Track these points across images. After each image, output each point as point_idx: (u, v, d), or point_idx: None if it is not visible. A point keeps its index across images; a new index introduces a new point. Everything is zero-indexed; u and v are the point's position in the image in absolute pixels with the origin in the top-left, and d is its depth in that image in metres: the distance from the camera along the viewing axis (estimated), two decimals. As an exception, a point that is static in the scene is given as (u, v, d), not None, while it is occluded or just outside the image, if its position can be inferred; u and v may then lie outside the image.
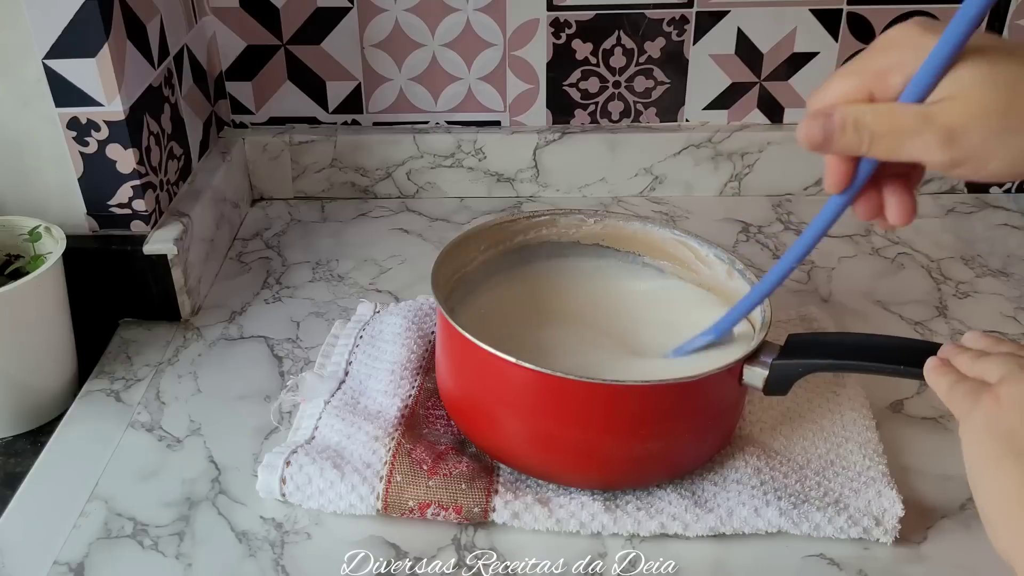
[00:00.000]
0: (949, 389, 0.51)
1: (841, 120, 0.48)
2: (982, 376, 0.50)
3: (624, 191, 1.07)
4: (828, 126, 0.48)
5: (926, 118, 0.46)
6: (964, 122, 0.45)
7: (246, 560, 0.63)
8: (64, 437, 0.74)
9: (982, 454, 0.47)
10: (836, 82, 0.49)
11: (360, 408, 0.72)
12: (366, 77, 1.04)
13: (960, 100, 0.45)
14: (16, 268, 0.75)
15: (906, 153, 0.47)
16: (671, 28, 1.00)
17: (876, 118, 0.47)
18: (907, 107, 0.46)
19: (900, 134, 0.47)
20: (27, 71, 0.76)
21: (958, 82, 0.45)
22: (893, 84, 0.47)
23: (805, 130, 0.49)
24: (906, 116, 0.46)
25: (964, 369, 0.52)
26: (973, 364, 0.51)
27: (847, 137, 0.48)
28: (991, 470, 0.46)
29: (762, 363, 0.63)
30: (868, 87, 0.48)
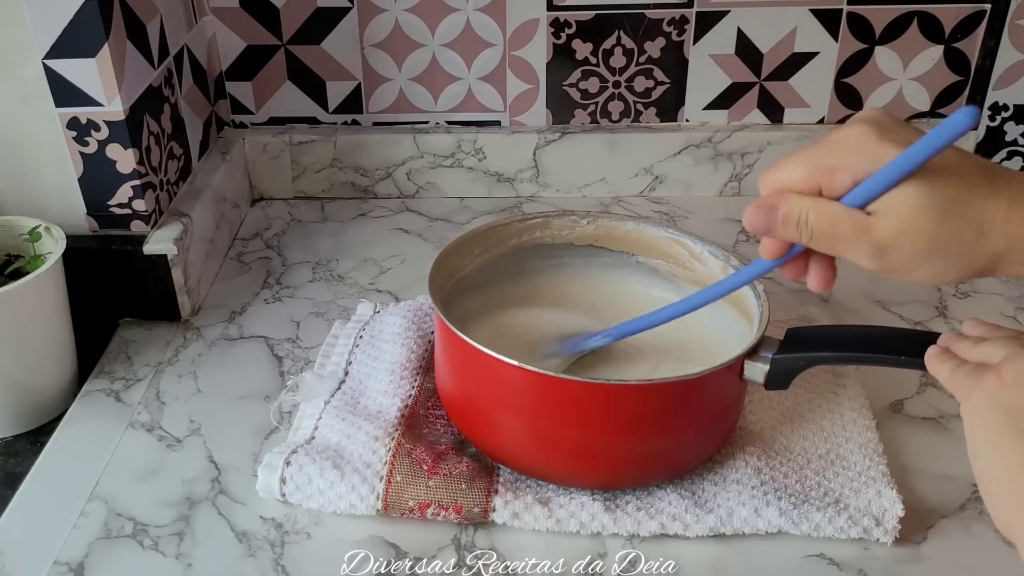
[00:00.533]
0: (951, 374, 0.52)
1: (785, 215, 0.51)
2: (984, 359, 0.50)
3: (624, 191, 1.07)
4: (772, 218, 0.52)
5: (863, 229, 0.49)
6: (894, 239, 0.49)
7: (246, 560, 0.63)
8: (64, 437, 0.74)
9: (984, 431, 0.47)
10: (788, 169, 0.52)
11: (360, 408, 0.72)
12: (366, 77, 1.04)
13: (895, 217, 0.48)
14: (16, 268, 0.75)
15: (840, 254, 0.52)
16: (671, 28, 1.00)
17: (818, 220, 0.50)
18: (848, 215, 0.50)
19: (836, 239, 0.50)
20: (27, 71, 0.76)
21: (898, 199, 0.48)
22: (840, 183, 0.50)
23: (750, 217, 0.53)
24: (845, 224, 0.50)
25: (964, 355, 0.52)
26: (973, 349, 0.52)
27: (788, 230, 0.52)
28: (992, 447, 0.46)
29: (762, 358, 0.63)
30: (817, 180, 0.50)
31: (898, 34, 1.01)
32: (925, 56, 1.02)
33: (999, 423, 0.46)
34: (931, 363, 0.54)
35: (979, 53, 1.01)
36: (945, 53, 1.02)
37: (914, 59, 1.02)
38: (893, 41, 1.01)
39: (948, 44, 1.01)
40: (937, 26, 1.00)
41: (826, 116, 1.06)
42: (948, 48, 1.01)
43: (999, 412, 0.46)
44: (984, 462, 0.47)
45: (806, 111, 1.05)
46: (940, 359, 0.53)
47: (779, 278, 0.92)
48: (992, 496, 0.47)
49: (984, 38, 1.00)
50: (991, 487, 0.47)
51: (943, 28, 1.00)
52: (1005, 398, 0.47)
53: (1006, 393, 0.47)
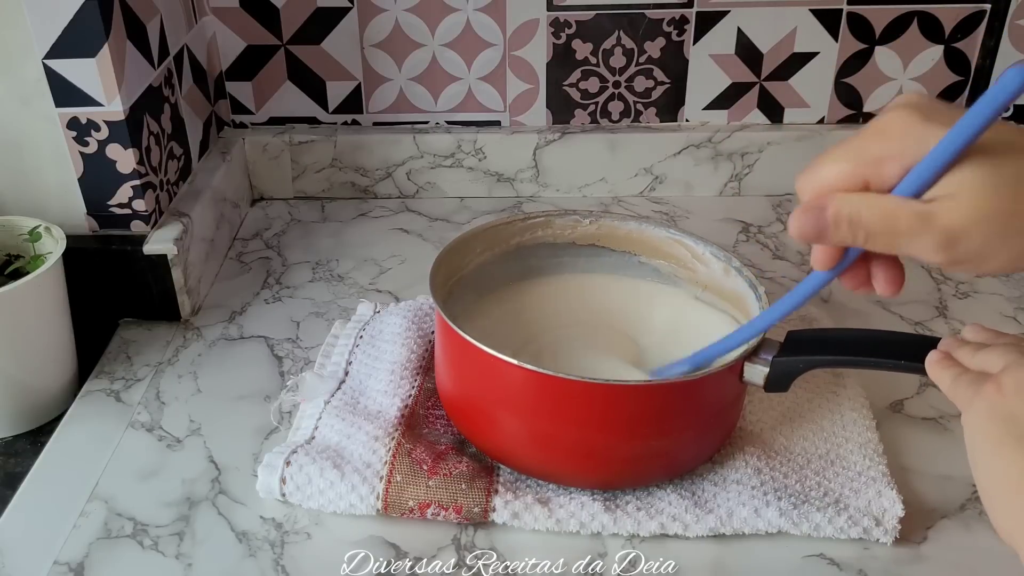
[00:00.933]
0: (952, 382, 0.51)
1: (835, 215, 0.46)
2: (984, 367, 0.50)
3: (624, 191, 1.07)
4: (822, 221, 0.46)
5: (925, 219, 0.44)
6: (965, 225, 0.44)
7: (246, 560, 0.63)
8: (64, 437, 0.74)
9: (984, 440, 0.47)
10: (828, 166, 0.47)
11: (360, 408, 0.72)
12: (366, 77, 1.04)
13: (961, 201, 0.43)
14: (16, 268, 0.75)
15: (903, 251, 0.46)
16: (671, 28, 1.00)
17: (872, 216, 0.45)
18: (905, 205, 0.45)
19: (898, 234, 0.45)
20: (27, 71, 0.76)
21: (960, 181, 0.43)
22: (889, 174, 0.45)
23: (798, 224, 0.47)
24: (904, 216, 0.44)
25: (965, 362, 0.52)
26: (974, 356, 0.51)
27: (842, 232, 0.46)
28: (993, 455, 0.46)
29: (762, 360, 0.63)
30: (862, 175, 0.46)
31: (898, 34, 1.01)
32: (925, 56, 1.02)
33: (998, 433, 0.46)
34: (932, 369, 0.53)
35: (979, 53, 1.01)
36: (945, 53, 1.02)
37: (914, 59, 1.02)
38: (893, 41, 1.01)
39: (948, 44, 1.01)
40: (937, 26, 1.00)
41: (826, 116, 1.06)
42: (948, 48, 1.01)
43: (998, 422, 0.46)
44: (985, 471, 0.47)
45: (806, 111, 1.05)
46: (941, 366, 0.52)
47: (780, 278, 0.93)
48: (993, 505, 0.46)
49: (984, 38, 1.00)
50: (992, 496, 0.47)
51: (943, 28, 1.00)
52: (1004, 408, 0.46)
53: (1005, 403, 0.46)
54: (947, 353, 0.53)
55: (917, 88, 1.03)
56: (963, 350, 0.52)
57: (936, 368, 0.53)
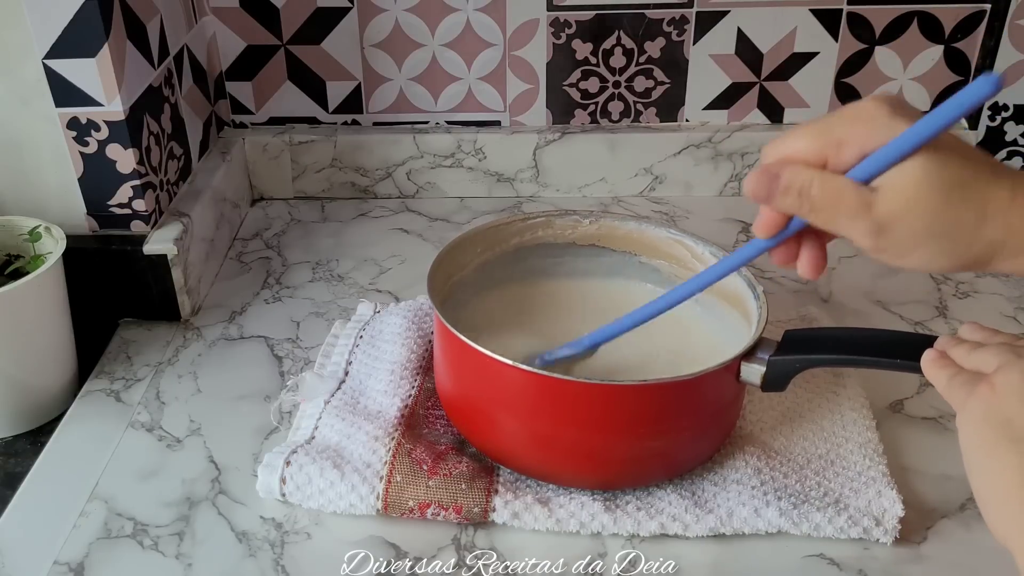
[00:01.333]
0: (947, 382, 0.51)
1: (787, 184, 0.49)
2: (978, 367, 0.50)
3: (624, 191, 1.07)
4: (773, 186, 0.50)
5: (865, 205, 0.47)
6: (895, 217, 0.47)
7: (246, 560, 0.63)
8: (64, 437, 0.74)
9: (978, 442, 0.47)
10: (795, 139, 0.50)
11: (360, 408, 0.72)
12: (366, 77, 1.04)
13: (899, 193, 0.47)
14: (16, 268, 0.75)
15: (836, 229, 0.49)
16: (671, 28, 1.00)
17: (820, 191, 0.49)
18: (852, 188, 0.48)
19: (838, 213, 0.49)
20: (27, 71, 0.76)
21: (902, 176, 0.47)
22: (847, 157, 0.48)
23: (752, 183, 0.51)
24: (849, 198, 0.48)
25: (961, 361, 0.52)
26: (969, 356, 0.51)
27: (789, 200, 0.50)
28: (987, 458, 0.46)
29: (759, 359, 0.63)
30: (824, 153, 0.49)
31: (898, 34, 1.01)
32: (925, 56, 1.02)
33: (992, 434, 0.46)
34: (928, 368, 0.54)
35: (979, 53, 1.01)
36: (945, 53, 1.02)
37: (914, 59, 1.02)
38: (893, 41, 1.01)
39: (948, 44, 1.01)
40: (937, 26, 1.00)
41: (826, 116, 1.06)
42: (948, 48, 1.01)
43: (992, 423, 0.46)
44: (979, 473, 0.47)
45: (806, 111, 1.05)
46: (937, 365, 0.53)
47: (780, 278, 0.93)
48: (988, 507, 0.47)
49: (984, 38, 1.00)
50: (987, 498, 0.47)
51: (943, 28, 1.00)
52: (998, 409, 0.47)
53: (999, 404, 0.47)
54: (943, 352, 0.53)
55: (917, 89, 1.04)
56: (959, 349, 0.53)
57: (932, 368, 0.53)
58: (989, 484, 0.46)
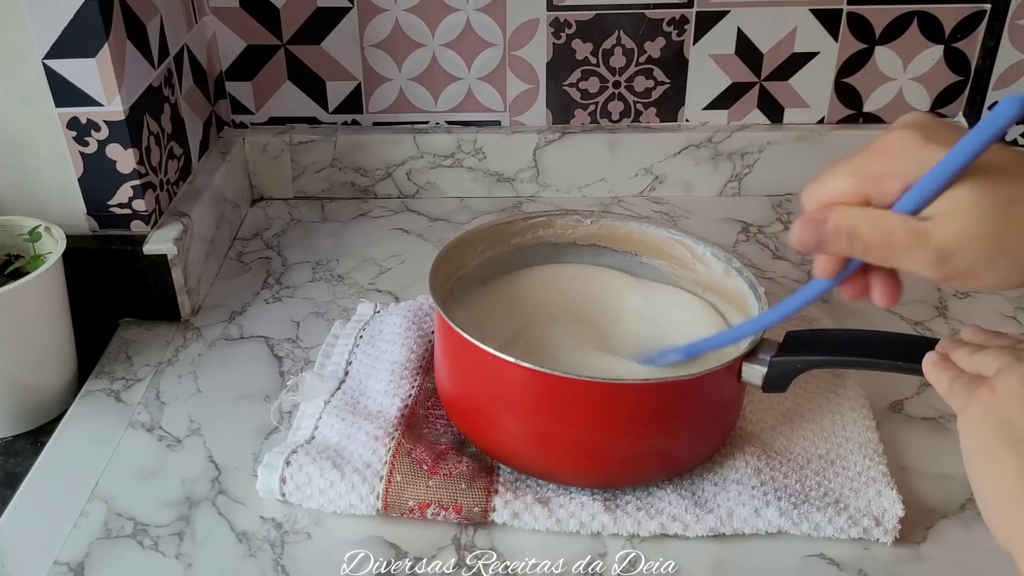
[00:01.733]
0: (948, 384, 0.51)
1: (836, 228, 0.48)
2: (979, 370, 0.50)
3: (624, 191, 1.07)
4: (822, 232, 0.48)
5: (919, 236, 0.46)
6: (956, 243, 0.46)
7: (246, 560, 0.63)
8: (64, 437, 0.74)
9: (979, 444, 0.47)
10: (833, 181, 0.49)
11: (360, 408, 0.72)
12: (366, 77, 1.04)
13: (953, 220, 0.45)
14: (16, 268, 0.75)
15: (898, 265, 0.48)
16: (671, 28, 1.00)
17: (870, 230, 0.47)
18: (901, 222, 0.47)
19: (892, 248, 0.47)
20: (27, 71, 0.76)
21: (954, 201, 0.45)
22: (889, 191, 0.47)
23: (799, 234, 0.49)
24: (899, 232, 0.47)
25: (962, 363, 0.52)
26: (970, 358, 0.51)
27: (840, 244, 0.48)
28: (988, 460, 0.46)
29: (760, 360, 0.63)
30: (864, 191, 0.48)
31: (898, 34, 1.01)
32: (925, 56, 1.02)
33: (992, 436, 0.46)
34: (929, 371, 0.54)
35: (979, 53, 1.01)
36: (945, 53, 1.02)
37: (914, 59, 1.02)
38: (893, 41, 1.01)
39: (948, 44, 1.01)
40: (937, 26, 1.00)
41: (826, 116, 1.06)
42: (948, 48, 1.01)
43: (992, 426, 0.46)
44: (979, 476, 0.47)
45: (806, 111, 1.05)
46: (938, 368, 0.53)
47: (780, 278, 0.93)
48: (988, 510, 0.47)
49: (984, 38, 1.00)
50: (987, 501, 0.47)
51: (943, 28, 1.00)
52: (998, 411, 0.47)
53: (999, 406, 0.47)
54: (944, 355, 0.53)
55: (917, 89, 1.03)
56: (960, 352, 0.52)
57: (933, 370, 0.53)
58: (989, 486, 0.46)
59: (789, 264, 0.95)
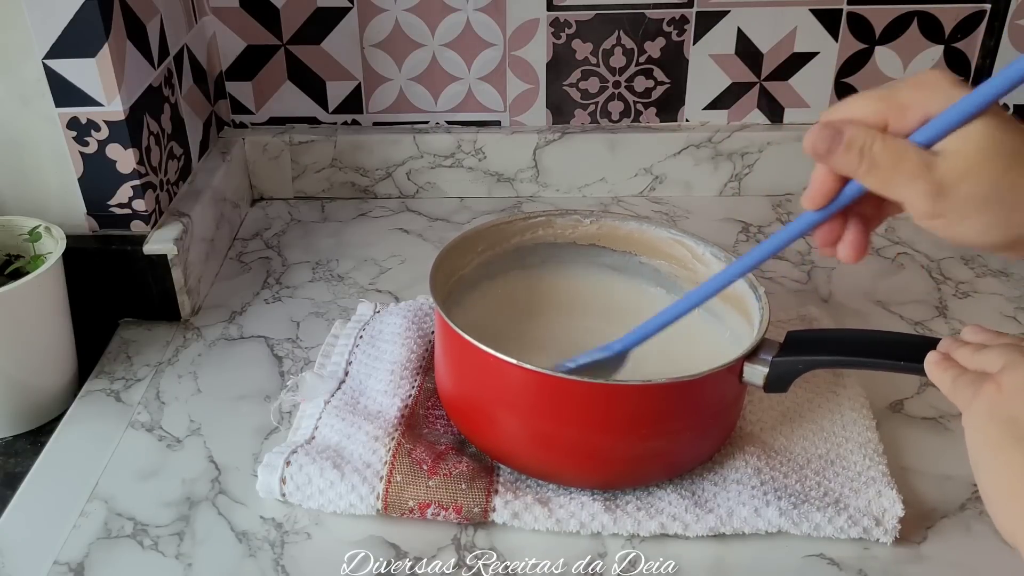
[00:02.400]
0: (952, 383, 0.51)
1: (850, 139, 0.49)
2: (983, 367, 0.50)
3: (624, 191, 1.07)
4: (835, 140, 0.49)
5: (926, 165, 0.47)
6: (956, 178, 0.47)
7: (246, 560, 0.63)
8: (64, 437, 0.74)
9: (984, 441, 0.47)
10: (859, 101, 0.50)
11: (360, 408, 0.72)
12: (366, 77, 1.04)
13: (959, 156, 0.47)
14: (16, 268, 0.75)
15: (894, 191, 0.49)
16: (671, 28, 1.00)
17: (883, 150, 0.48)
18: (913, 149, 0.47)
19: (897, 172, 0.48)
20: (27, 71, 0.76)
21: (966, 138, 0.46)
22: (910, 120, 0.48)
23: (813, 137, 0.50)
24: (910, 160, 0.47)
25: (964, 362, 0.52)
26: (973, 357, 0.51)
27: (849, 156, 0.49)
28: (994, 456, 0.46)
29: (762, 360, 0.63)
30: (886, 116, 0.49)
31: (898, 34, 1.01)
32: (925, 56, 1.02)
33: (997, 433, 0.46)
34: (931, 370, 0.54)
35: (979, 53, 1.01)
36: (945, 53, 1.02)
37: (914, 59, 1.02)
38: (893, 41, 1.01)
39: (948, 44, 1.01)
40: (937, 26, 1.00)
41: (826, 116, 1.06)
42: (948, 48, 1.01)
43: (998, 422, 0.47)
44: (985, 472, 0.47)
45: (806, 111, 1.05)
46: (941, 367, 0.53)
47: (780, 278, 0.93)
48: (995, 506, 0.47)
49: (984, 38, 1.00)
50: (993, 497, 0.47)
51: (943, 28, 1.00)
52: (1004, 408, 0.47)
53: (1005, 403, 0.47)
54: (946, 354, 0.54)
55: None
56: (962, 351, 0.53)
57: (935, 369, 0.53)
58: (995, 482, 0.47)
59: (789, 264, 0.95)
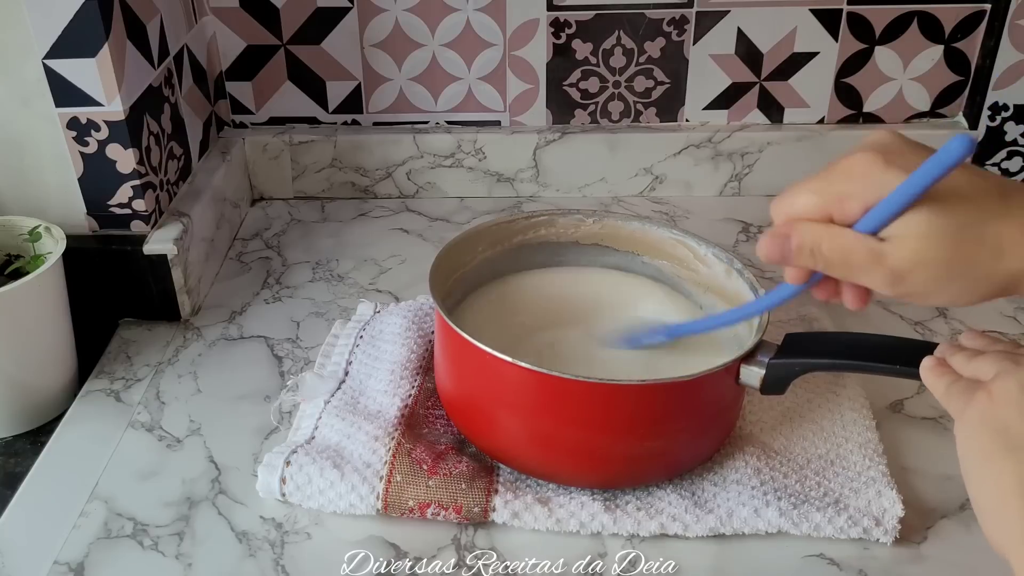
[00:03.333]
0: (946, 390, 0.51)
1: (799, 244, 0.51)
2: (977, 375, 0.50)
3: (624, 191, 1.07)
4: (785, 247, 0.51)
5: (876, 256, 0.49)
6: (910, 266, 0.48)
7: (246, 560, 0.63)
8: (64, 437, 0.74)
9: (975, 449, 0.47)
10: (799, 196, 0.51)
11: (360, 408, 0.72)
12: (366, 77, 1.04)
13: (907, 244, 0.48)
14: (16, 268, 0.75)
15: (857, 280, 0.51)
16: (671, 28, 1.00)
17: (830, 248, 0.50)
18: (860, 242, 0.49)
19: (851, 266, 0.50)
20: (27, 71, 0.76)
21: (908, 226, 0.48)
22: (850, 211, 0.49)
23: (766, 248, 0.52)
24: (858, 252, 0.49)
25: (959, 368, 0.52)
26: (968, 363, 0.51)
27: (803, 258, 0.51)
28: (984, 465, 0.46)
29: (759, 362, 0.63)
30: (828, 209, 0.50)
31: (898, 34, 1.01)
32: (925, 56, 1.02)
33: (989, 442, 0.46)
34: (926, 376, 0.54)
35: (979, 53, 1.01)
36: (945, 53, 1.01)
37: (914, 59, 1.02)
38: (893, 41, 1.01)
39: (948, 44, 1.01)
40: (937, 26, 1.00)
41: (826, 116, 1.06)
42: (948, 48, 1.01)
43: (989, 430, 0.47)
44: (976, 481, 0.47)
45: (806, 111, 1.05)
46: (935, 373, 0.53)
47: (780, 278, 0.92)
48: (984, 515, 0.47)
49: (984, 38, 1.00)
50: (983, 506, 0.47)
51: (943, 28, 1.00)
52: (995, 416, 0.47)
53: (996, 411, 0.47)
54: (942, 360, 0.54)
55: (917, 89, 1.03)
56: (958, 357, 0.53)
57: (930, 375, 0.53)
58: (986, 492, 0.46)
59: (789, 264, 0.95)
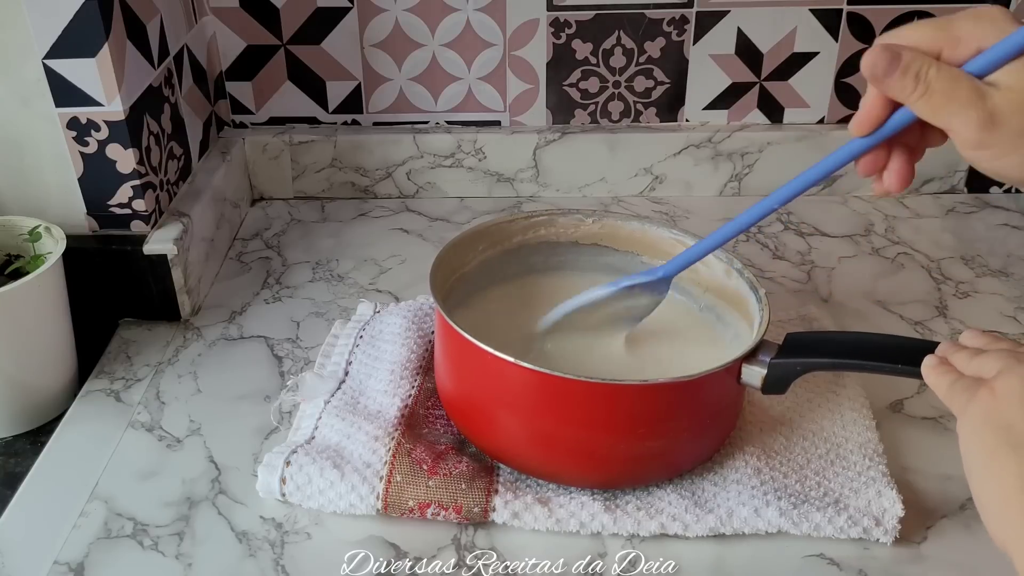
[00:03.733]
0: (948, 388, 0.51)
1: (907, 63, 0.49)
2: (979, 373, 0.50)
3: (624, 191, 1.07)
4: (893, 63, 0.49)
5: (979, 95, 0.48)
6: (1008, 111, 0.47)
7: (246, 560, 0.63)
8: (64, 437, 0.74)
9: (978, 447, 0.47)
10: (914, 30, 0.51)
11: (360, 408, 0.72)
12: (366, 77, 1.04)
13: (1015, 90, 0.47)
14: (16, 268, 0.75)
15: (944, 119, 0.49)
16: (671, 28, 1.00)
17: (938, 76, 0.49)
18: (967, 78, 0.48)
19: (950, 99, 0.48)
20: (27, 71, 0.76)
21: (1017, 73, 0.47)
22: (963, 52, 0.49)
23: (872, 58, 0.50)
24: (964, 87, 0.48)
25: (961, 367, 0.52)
26: (970, 362, 0.51)
27: (905, 80, 0.49)
28: (987, 463, 0.46)
29: (760, 362, 0.63)
30: (940, 45, 0.49)
31: (898, 34, 1.00)
32: (925, 56, 1.02)
33: (992, 439, 0.46)
34: (928, 375, 0.54)
35: (979, 53, 1.01)
36: (945, 53, 1.01)
37: (914, 59, 1.02)
38: (893, 41, 1.01)
39: (948, 44, 1.01)
40: (937, 26, 1.00)
41: (826, 116, 1.06)
42: (948, 48, 1.01)
43: (992, 428, 0.46)
44: (979, 479, 0.47)
45: (806, 111, 1.05)
46: (937, 371, 0.53)
47: (780, 278, 0.93)
48: (988, 513, 0.47)
49: (984, 38, 1.00)
50: (986, 504, 0.47)
51: (943, 28, 1.00)
52: (998, 414, 0.47)
53: (999, 409, 0.47)
54: (944, 358, 0.54)
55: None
56: (960, 355, 0.52)
57: (932, 374, 0.53)
58: (989, 490, 0.46)
59: (789, 264, 0.95)
